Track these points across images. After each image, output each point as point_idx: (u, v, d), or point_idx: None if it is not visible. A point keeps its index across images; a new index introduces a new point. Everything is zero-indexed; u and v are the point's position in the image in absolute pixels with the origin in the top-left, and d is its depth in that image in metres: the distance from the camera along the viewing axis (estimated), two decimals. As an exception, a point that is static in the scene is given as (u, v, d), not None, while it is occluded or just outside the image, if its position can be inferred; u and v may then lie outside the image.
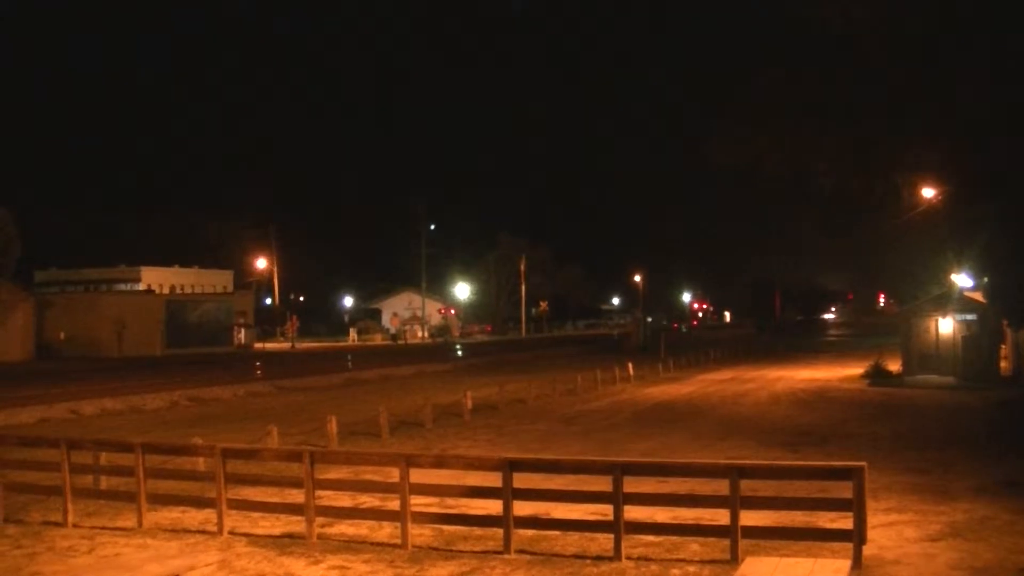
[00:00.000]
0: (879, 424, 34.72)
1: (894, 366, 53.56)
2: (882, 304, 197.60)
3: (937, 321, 51.13)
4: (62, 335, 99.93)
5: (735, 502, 15.66)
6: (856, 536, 15.12)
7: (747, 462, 19.46)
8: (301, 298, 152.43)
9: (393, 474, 17.85)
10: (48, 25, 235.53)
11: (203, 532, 18.53)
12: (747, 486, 16.19)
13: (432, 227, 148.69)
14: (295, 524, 18.34)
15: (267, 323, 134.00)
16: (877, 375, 53.00)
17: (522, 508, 16.96)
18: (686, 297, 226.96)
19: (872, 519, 16.44)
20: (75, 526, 19.38)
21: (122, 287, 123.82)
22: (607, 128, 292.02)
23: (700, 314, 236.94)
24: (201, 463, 22.11)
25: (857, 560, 14.97)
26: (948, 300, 51.93)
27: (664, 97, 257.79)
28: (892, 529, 17.69)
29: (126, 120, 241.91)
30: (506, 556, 16.30)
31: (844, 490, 15.60)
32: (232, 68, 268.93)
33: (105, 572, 15.02)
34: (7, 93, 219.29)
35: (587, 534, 17.11)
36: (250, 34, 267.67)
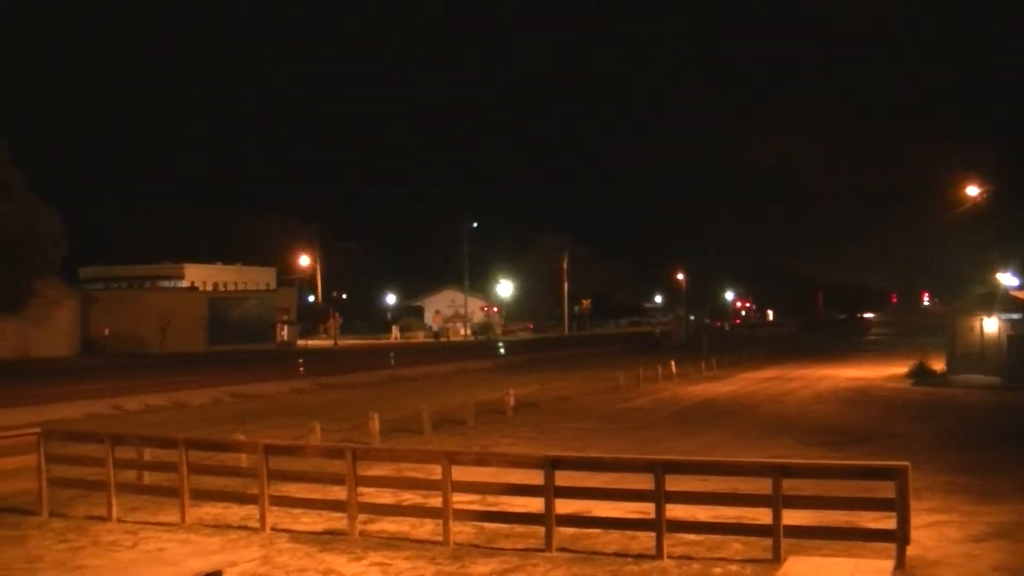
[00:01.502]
0: (923, 424, 34.54)
1: (938, 365, 53.20)
2: (926, 303, 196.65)
3: (982, 320, 50.73)
4: (107, 331, 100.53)
5: (777, 501, 15.60)
6: (899, 536, 15.04)
7: (789, 461, 19.42)
8: (344, 295, 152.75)
9: (435, 471, 17.85)
10: (88, 23, 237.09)
11: (245, 528, 18.61)
12: (789, 485, 16.12)
13: (474, 225, 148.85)
14: (337, 521, 18.38)
15: (309, 320, 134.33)
16: (921, 374, 52.63)
17: (564, 506, 16.96)
18: (729, 295, 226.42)
19: (915, 519, 16.34)
20: (119, 521, 19.51)
21: (166, 284, 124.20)
22: (651, 127, 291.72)
23: (743, 312, 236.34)
24: (244, 459, 22.17)
25: (900, 560, 14.89)
26: (993, 299, 51.56)
27: (707, 98, 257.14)
28: (935, 529, 17.58)
29: (170, 118, 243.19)
30: (547, 554, 16.31)
31: (887, 490, 15.53)
32: (276, 65, 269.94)
33: (148, 567, 15.08)
34: (53, 92, 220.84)
35: (628, 532, 17.07)
36: (292, 30, 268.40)
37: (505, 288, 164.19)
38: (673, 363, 57.51)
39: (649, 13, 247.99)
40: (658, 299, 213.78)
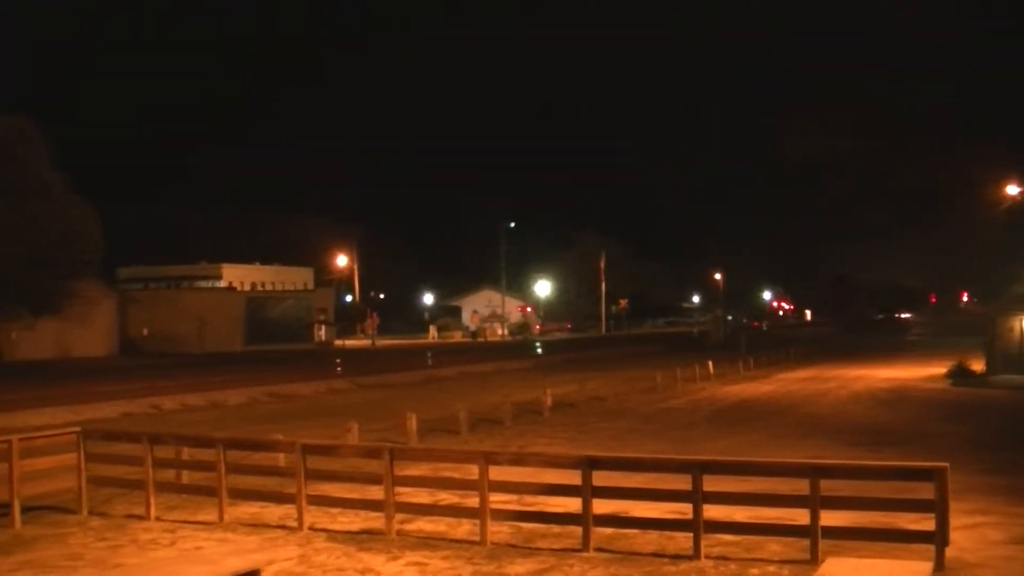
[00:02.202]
0: (962, 424, 34.37)
1: (977, 366, 52.82)
2: (965, 302, 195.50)
3: (1022, 320, 50.36)
4: (145, 331, 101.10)
5: (815, 502, 15.55)
6: (938, 538, 14.96)
7: (827, 461, 19.32)
8: (381, 295, 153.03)
9: (472, 471, 17.87)
10: (130, 27, 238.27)
11: (283, 527, 18.68)
12: (827, 486, 16.05)
13: (512, 225, 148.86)
14: (374, 520, 18.42)
15: (347, 320, 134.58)
16: (960, 375, 52.22)
17: (601, 506, 16.93)
18: (766, 295, 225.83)
19: (954, 520, 16.24)
20: (157, 519, 19.61)
21: (203, 284, 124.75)
22: (691, 125, 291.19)
23: (780, 312, 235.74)
24: (281, 459, 22.24)
25: (939, 562, 14.80)
26: (1033, 298, 51.17)
27: (744, 96, 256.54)
28: (975, 531, 17.48)
29: (208, 118, 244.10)
30: (584, 554, 16.30)
31: (926, 491, 15.43)
32: (314, 67, 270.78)
33: (186, 565, 15.15)
34: (88, 93, 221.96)
35: (666, 533, 17.03)
36: (332, 33, 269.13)
37: (542, 288, 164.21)
38: (710, 363, 57.38)
39: (687, 7, 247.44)
40: (695, 299, 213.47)
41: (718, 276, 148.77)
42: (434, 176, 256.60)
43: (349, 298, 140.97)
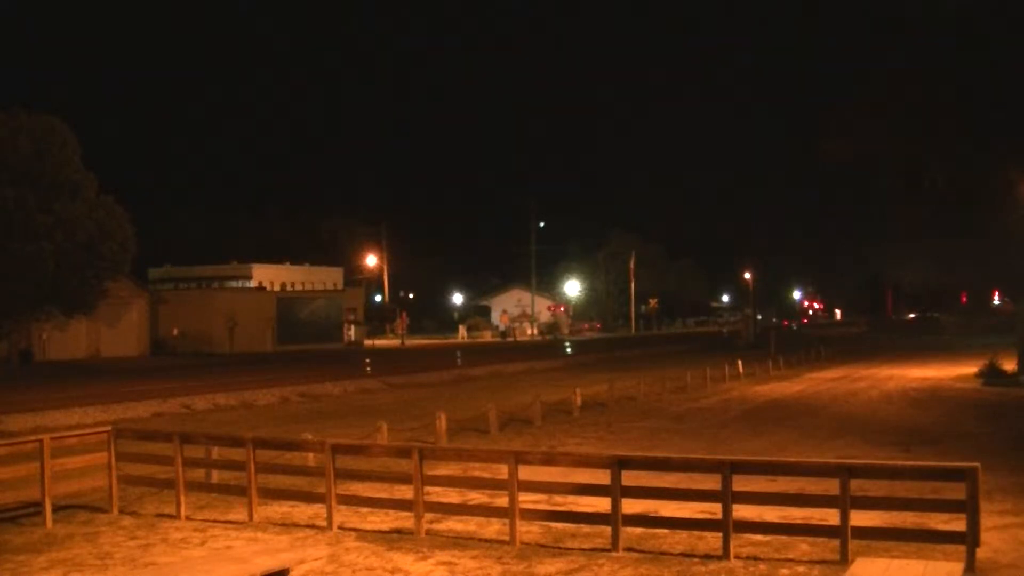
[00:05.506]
0: (994, 424, 34.19)
1: (1009, 365, 52.50)
2: (997, 301, 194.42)
3: (1054, 319, 50.00)
4: (176, 331, 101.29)
5: (845, 502, 15.50)
6: (969, 538, 14.89)
7: (858, 461, 19.25)
8: (411, 295, 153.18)
9: (502, 471, 17.87)
10: (161, 25, 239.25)
11: (312, 527, 18.72)
12: (857, 486, 16.02)
13: (542, 224, 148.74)
14: (404, 520, 18.45)
15: (377, 320, 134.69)
16: (992, 374, 51.87)
17: (630, 506, 16.93)
18: (797, 295, 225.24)
19: (986, 521, 16.18)
20: (188, 518, 19.68)
21: (234, 284, 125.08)
22: (719, 124, 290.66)
23: (811, 312, 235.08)
24: (311, 458, 22.31)
25: (970, 563, 14.74)
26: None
27: (774, 93, 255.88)
28: (1007, 532, 17.39)
29: (237, 119, 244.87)
30: (614, 554, 16.28)
31: (957, 491, 15.35)
32: (344, 67, 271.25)
33: (217, 564, 15.20)
34: (120, 92, 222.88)
35: (695, 532, 17.03)
36: (361, 34, 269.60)
37: (572, 287, 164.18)
38: (740, 363, 57.25)
39: (719, 6, 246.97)
40: (726, 298, 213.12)
41: (748, 276, 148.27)
42: (465, 175, 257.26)
43: (379, 298, 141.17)
